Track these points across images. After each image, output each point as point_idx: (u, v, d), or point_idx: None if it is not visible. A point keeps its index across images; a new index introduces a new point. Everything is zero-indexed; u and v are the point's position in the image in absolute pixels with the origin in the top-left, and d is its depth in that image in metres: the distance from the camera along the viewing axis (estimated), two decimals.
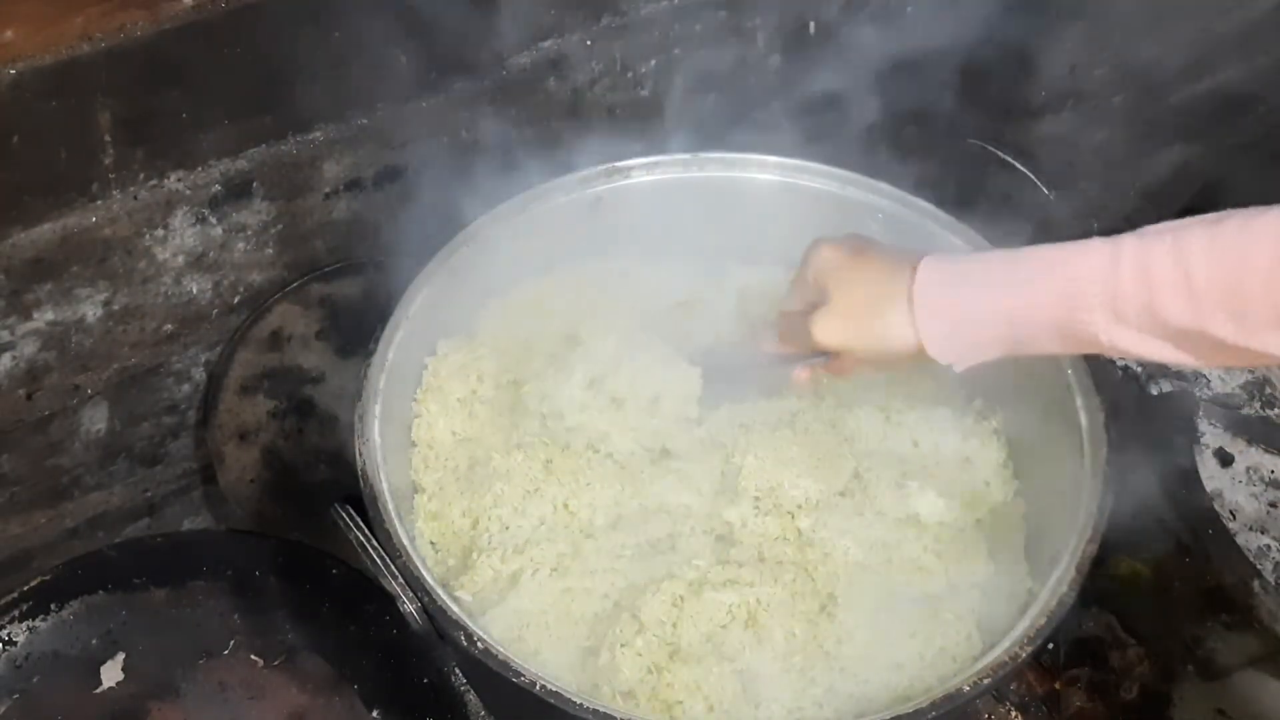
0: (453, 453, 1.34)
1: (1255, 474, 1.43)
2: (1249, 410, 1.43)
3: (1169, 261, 1.00)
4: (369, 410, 1.26)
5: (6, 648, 1.40)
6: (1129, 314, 1.02)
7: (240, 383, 1.53)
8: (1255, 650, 1.50)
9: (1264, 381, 1.40)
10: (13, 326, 1.35)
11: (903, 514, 1.32)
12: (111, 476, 1.56)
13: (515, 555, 1.25)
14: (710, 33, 1.61)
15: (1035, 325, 1.08)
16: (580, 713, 1.08)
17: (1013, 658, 1.15)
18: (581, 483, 1.29)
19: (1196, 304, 0.99)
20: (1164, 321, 1.01)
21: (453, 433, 1.35)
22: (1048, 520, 1.30)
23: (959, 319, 1.12)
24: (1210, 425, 1.44)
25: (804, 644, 1.22)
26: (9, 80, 1.18)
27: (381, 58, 1.40)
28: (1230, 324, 0.98)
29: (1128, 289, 1.02)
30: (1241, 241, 0.97)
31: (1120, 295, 1.02)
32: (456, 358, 1.38)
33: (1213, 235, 0.99)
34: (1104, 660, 1.51)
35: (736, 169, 1.46)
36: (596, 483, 1.29)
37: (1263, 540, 1.42)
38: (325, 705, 1.40)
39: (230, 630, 1.44)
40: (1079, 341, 1.07)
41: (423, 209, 1.47)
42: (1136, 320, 1.02)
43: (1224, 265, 0.98)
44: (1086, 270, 1.04)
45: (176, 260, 1.42)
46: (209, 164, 1.37)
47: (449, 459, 1.34)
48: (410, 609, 1.15)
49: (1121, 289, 1.02)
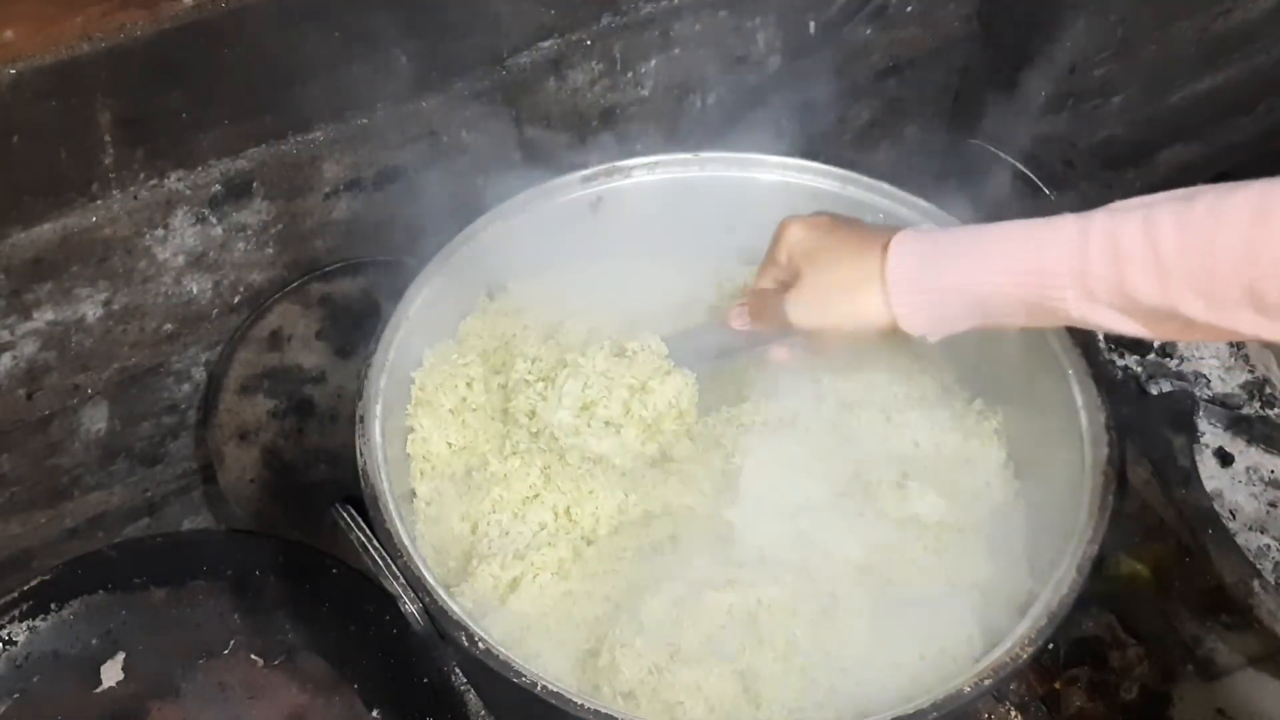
0: (449, 461, 1.34)
1: (1255, 474, 1.43)
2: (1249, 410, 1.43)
3: (1139, 239, 0.99)
4: (369, 410, 1.26)
5: (6, 648, 1.40)
6: (1098, 291, 1.02)
7: (240, 382, 1.53)
8: (1255, 650, 1.50)
9: (1264, 381, 1.40)
10: (13, 326, 1.35)
11: (903, 514, 1.31)
12: (111, 476, 1.56)
13: (515, 561, 1.25)
14: (710, 32, 1.61)
15: (1005, 300, 1.08)
16: (581, 713, 1.08)
17: (1013, 658, 1.14)
18: (584, 490, 1.29)
19: (1166, 282, 0.99)
20: (1134, 299, 1.01)
21: (448, 444, 1.33)
22: (1048, 520, 1.30)
23: (930, 294, 1.12)
24: (1210, 425, 1.44)
25: (804, 644, 1.22)
26: (9, 80, 1.18)
27: (381, 58, 1.40)
28: (1199, 302, 0.98)
29: (1097, 266, 1.01)
30: (1211, 221, 0.97)
31: (1090, 273, 1.02)
32: (442, 368, 1.36)
33: (1183, 213, 0.98)
34: (1104, 660, 1.51)
35: (736, 169, 1.46)
36: (599, 490, 1.29)
37: (1263, 540, 1.42)
38: (325, 705, 1.40)
39: (230, 630, 1.44)
40: (1050, 316, 1.07)
41: (422, 209, 1.47)
42: (1106, 297, 1.02)
43: (1194, 245, 0.97)
44: (1056, 248, 1.04)
45: (176, 260, 1.42)
46: (209, 164, 1.37)
47: (446, 466, 1.33)
48: (411, 609, 1.15)
49: (1091, 266, 1.02)
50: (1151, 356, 1.48)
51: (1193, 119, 2.15)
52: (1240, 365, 1.40)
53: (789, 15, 1.65)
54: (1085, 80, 1.95)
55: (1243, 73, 2.13)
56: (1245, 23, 2.05)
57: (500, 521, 1.27)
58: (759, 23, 1.64)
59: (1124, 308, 1.02)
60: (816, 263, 1.18)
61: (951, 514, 1.32)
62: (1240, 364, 1.40)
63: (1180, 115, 2.13)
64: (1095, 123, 2.06)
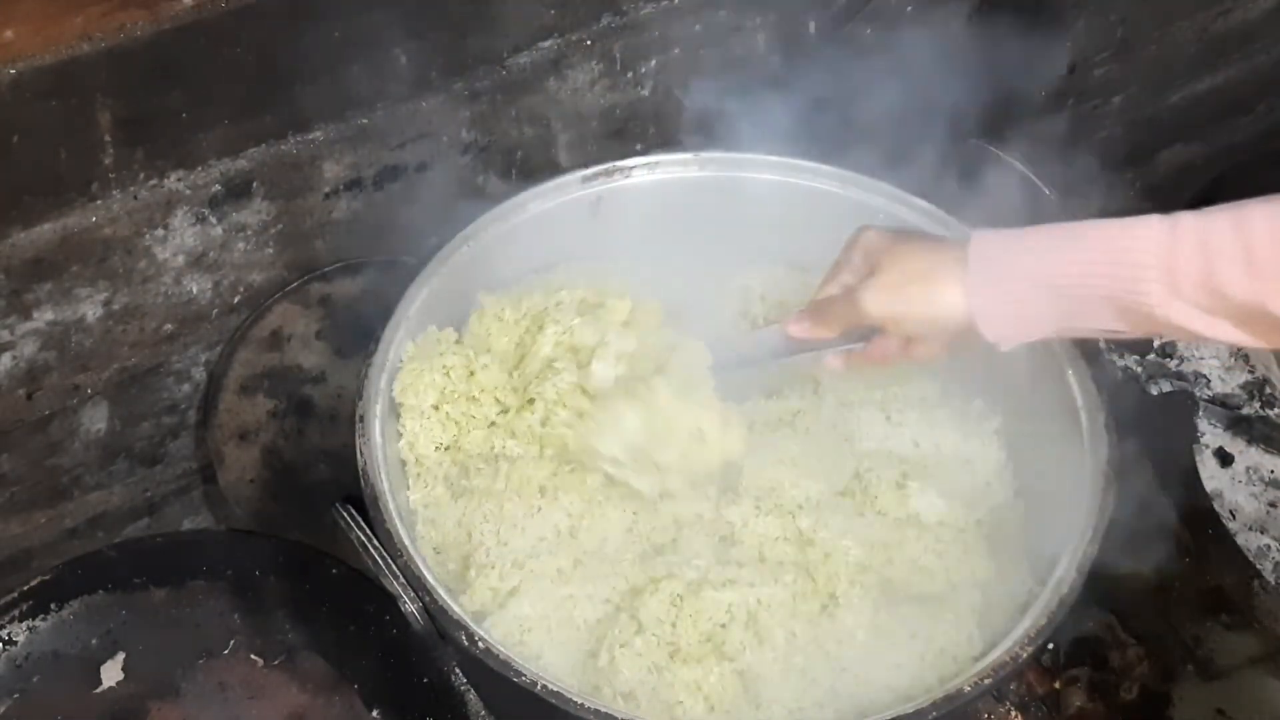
0: (440, 461, 1.33)
1: (1255, 474, 1.43)
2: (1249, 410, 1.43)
3: (1229, 234, 0.98)
4: (369, 410, 1.26)
5: (6, 648, 1.40)
6: (1186, 288, 1.00)
7: (240, 382, 1.53)
8: (1255, 650, 1.50)
9: (1264, 381, 1.40)
10: (13, 326, 1.35)
11: (903, 514, 1.32)
12: (111, 476, 1.56)
13: (514, 570, 1.24)
14: (710, 33, 1.61)
15: (1089, 299, 1.05)
16: (581, 713, 1.08)
17: (1013, 658, 1.14)
18: (595, 513, 1.28)
19: (1256, 276, 0.97)
20: (1222, 294, 0.99)
21: (435, 445, 1.32)
22: (1048, 520, 1.30)
23: (1012, 288, 1.09)
24: (1210, 425, 1.44)
25: (805, 644, 1.22)
26: (9, 80, 1.18)
27: (381, 58, 1.40)
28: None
29: (1185, 261, 0.99)
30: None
31: (1178, 267, 1.00)
32: (415, 365, 1.31)
33: (1274, 210, 0.97)
34: (1104, 660, 1.51)
35: (736, 169, 1.46)
36: (611, 513, 1.28)
37: (1263, 540, 1.42)
38: (325, 705, 1.40)
39: (230, 630, 1.44)
40: (1134, 317, 1.04)
41: (422, 209, 1.47)
42: (1193, 294, 1.00)
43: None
44: (1143, 242, 1.01)
45: (176, 260, 1.42)
46: (209, 164, 1.37)
47: (438, 468, 1.32)
48: (411, 609, 1.15)
49: (1179, 260, 1.00)
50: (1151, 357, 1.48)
51: (1193, 119, 2.15)
52: (1240, 365, 1.40)
53: (789, 15, 1.65)
54: (1085, 80, 1.95)
55: (1243, 73, 2.13)
56: (1245, 23, 2.05)
57: (497, 532, 1.27)
58: (759, 23, 1.64)
59: (1210, 306, 1.00)
60: (895, 254, 1.16)
61: (951, 514, 1.32)
62: (1240, 364, 1.40)
63: (1180, 115, 2.13)
64: (1095, 123, 2.06)
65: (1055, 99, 1.92)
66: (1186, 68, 2.06)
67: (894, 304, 1.15)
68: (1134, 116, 2.08)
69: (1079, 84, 1.95)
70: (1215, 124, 2.19)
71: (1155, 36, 1.98)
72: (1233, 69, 2.12)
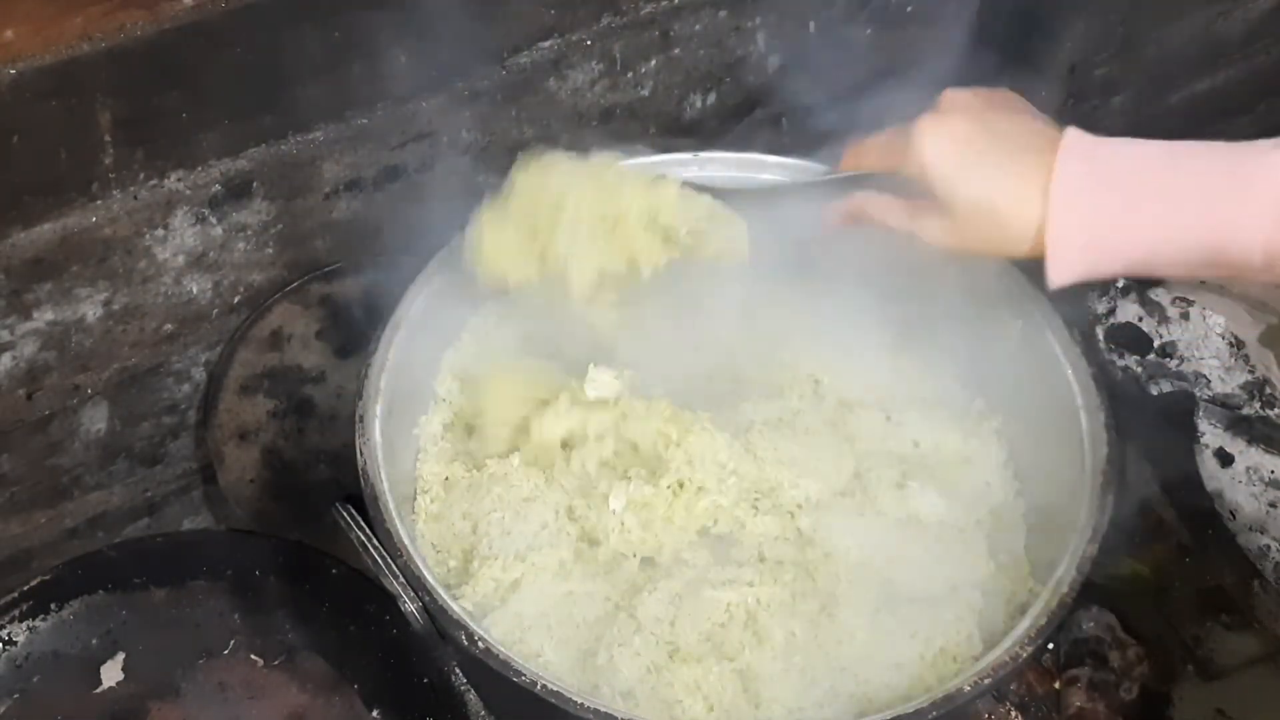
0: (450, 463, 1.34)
1: (1255, 474, 1.42)
2: (1249, 410, 1.43)
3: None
4: (369, 410, 1.26)
5: (6, 648, 1.40)
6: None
7: (240, 383, 1.53)
8: (1255, 650, 1.50)
9: (1264, 381, 1.40)
10: (13, 326, 1.35)
11: (903, 514, 1.32)
12: (111, 476, 1.56)
13: (516, 563, 1.24)
14: (710, 32, 1.61)
15: (1181, 251, 0.96)
16: (580, 712, 1.08)
17: (1013, 658, 1.15)
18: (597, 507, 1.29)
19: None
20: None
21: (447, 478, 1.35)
22: (1048, 520, 1.30)
23: (1095, 234, 0.99)
24: (1210, 425, 1.44)
25: (804, 644, 1.22)
26: (9, 80, 1.18)
27: (381, 58, 1.40)
28: None
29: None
30: None
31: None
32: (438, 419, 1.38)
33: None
34: (1104, 660, 1.51)
35: (736, 169, 1.46)
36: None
37: (1263, 540, 1.41)
38: (325, 705, 1.40)
39: (230, 630, 1.44)
40: (1223, 267, 0.96)
41: (423, 209, 1.47)
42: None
43: None
44: (1261, 182, 0.91)
45: (176, 260, 1.42)
46: (209, 164, 1.37)
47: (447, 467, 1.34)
48: (411, 608, 1.15)
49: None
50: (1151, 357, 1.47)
51: (1193, 119, 2.15)
52: (1240, 365, 1.40)
53: (789, 15, 1.65)
54: (1085, 80, 1.95)
55: (1243, 73, 2.12)
56: (1245, 23, 2.05)
57: (503, 520, 1.27)
58: (759, 23, 1.64)
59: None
60: (963, 181, 1.06)
61: (951, 514, 1.32)
62: (1240, 364, 1.40)
63: (1180, 115, 2.13)
64: (1095, 123, 2.05)
65: (1055, 99, 1.92)
66: (1186, 68, 2.06)
67: (960, 239, 1.07)
68: (1134, 116, 2.07)
69: (1079, 84, 1.95)
70: (1215, 124, 2.18)
71: (1155, 36, 1.98)
72: (1233, 69, 2.11)
